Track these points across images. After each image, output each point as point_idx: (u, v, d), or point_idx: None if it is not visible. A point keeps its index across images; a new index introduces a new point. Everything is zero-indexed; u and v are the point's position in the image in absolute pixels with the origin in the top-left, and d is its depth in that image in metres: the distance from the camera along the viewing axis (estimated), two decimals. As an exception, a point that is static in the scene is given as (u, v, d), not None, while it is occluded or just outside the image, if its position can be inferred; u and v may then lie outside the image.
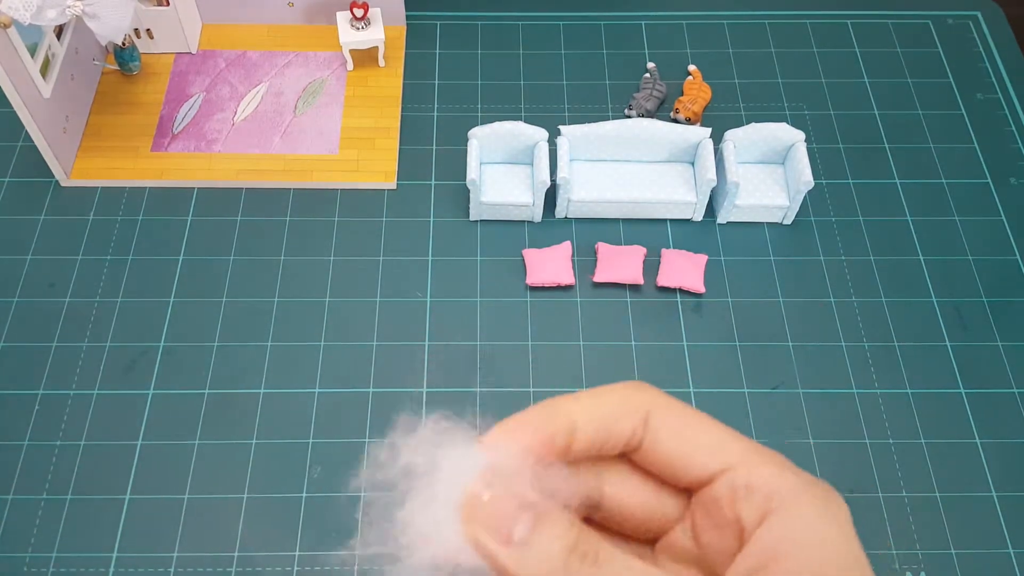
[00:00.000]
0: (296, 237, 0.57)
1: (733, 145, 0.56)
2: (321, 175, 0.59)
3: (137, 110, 0.62)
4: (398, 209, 0.58)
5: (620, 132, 0.56)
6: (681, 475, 0.30)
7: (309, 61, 0.65)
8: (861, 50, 0.67)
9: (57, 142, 0.57)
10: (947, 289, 0.55)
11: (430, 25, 0.68)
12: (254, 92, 0.63)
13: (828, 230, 0.58)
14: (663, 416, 0.29)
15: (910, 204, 0.59)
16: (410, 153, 0.61)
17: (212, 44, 0.65)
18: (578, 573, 0.26)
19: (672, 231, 0.58)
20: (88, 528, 0.46)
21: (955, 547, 0.46)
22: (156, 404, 0.50)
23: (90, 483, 0.48)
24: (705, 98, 0.63)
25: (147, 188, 0.59)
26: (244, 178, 0.59)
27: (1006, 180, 0.60)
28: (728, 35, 0.68)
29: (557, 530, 0.26)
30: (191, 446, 0.49)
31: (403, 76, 0.64)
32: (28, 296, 0.54)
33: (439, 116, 0.63)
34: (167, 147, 0.60)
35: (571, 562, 0.26)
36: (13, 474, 0.48)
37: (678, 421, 0.29)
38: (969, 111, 0.64)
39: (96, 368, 0.51)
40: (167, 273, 0.55)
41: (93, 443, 0.49)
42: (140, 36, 0.63)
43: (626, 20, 0.69)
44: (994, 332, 0.54)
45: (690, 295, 0.55)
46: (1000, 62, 0.66)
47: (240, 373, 0.51)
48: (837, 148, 0.62)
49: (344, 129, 0.61)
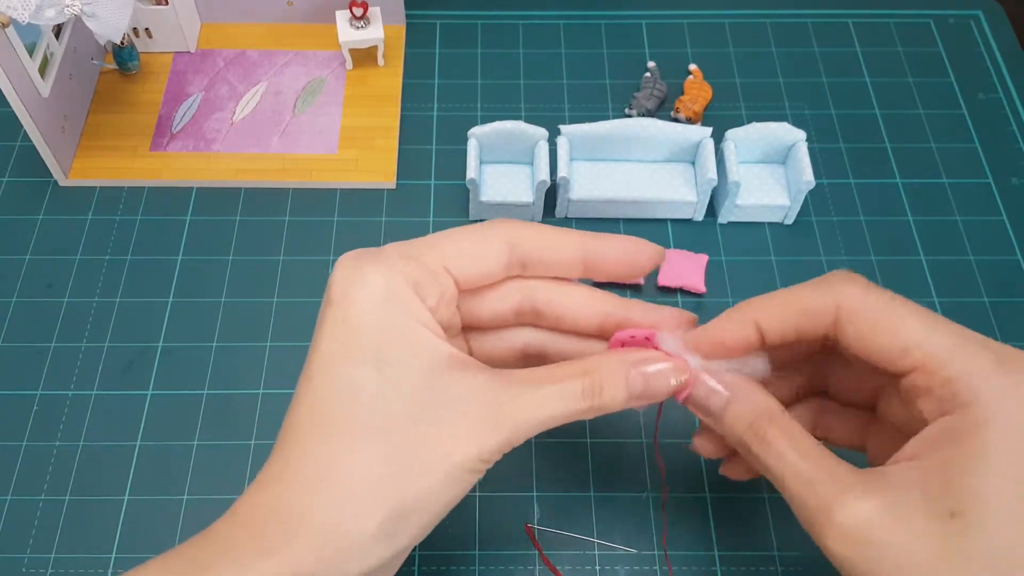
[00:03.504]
0: (295, 237, 0.57)
1: (734, 145, 0.56)
2: (320, 175, 0.59)
3: (136, 109, 0.62)
4: (398, 209, 0.58)
5: (620, 131, 0.56)
6: (882, 367, 0.33)
7: (308, 60, 0.65)
8: (862, 49, 0.67)
9: (55, 141, 0.56)
10: (948, 289, 0.55)
11: (430, 24, 0.68)
12: (253, 91, 0.63)
13: (829, 230, 0.58)
14: (858, 309, 0.34)
15: (911, 204, 0.59)
16: (410, 153, 0.61)
17: (211, 43, 0.65)
18: (749, 443, 0.33)
19: (673, 231, 0.57)
20: (87, 529, 0.46)
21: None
22: (155, 404, 0.50)
23: (89, 484, 0.48)
24: (706, 97, 0.63)
25: (146, 188, 0.59)
26: (243, 178, 0.59)
27: (1008, 180, 0.60)
28: (729, 34, 0.67)
29: (745, 407, 0.34)
30: (190, 447, 0.49)
31: (403, 75, 0.64)
32: (26, 296, 0.54)
33: (439, 116, 0.63)
34: (166, 147, 0.60)
35: (748, 432, 0.34)
36: (11, 475, 0.48)
37: (873, 313, 0.34)
38: (971, 111, 0.64)
39: (95, 368, 0.51)
40: (166, 273, 0.55)
41: (92, 444, 0.49)
42: (139, 35, 0.63)
43: (626, 19, 0.68)
44: (996, 332, 0.53)
45: (691, 295, 0.55)
46: (1002, 61, 0.66)
47: (239, 373, 0.51)
48: (838, 148, 0.62)
49: (343, 128, 0.61)
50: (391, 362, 0.31)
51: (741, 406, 0.34)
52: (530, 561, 0.45)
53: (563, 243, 0.36)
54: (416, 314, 0.32)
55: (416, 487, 0.30)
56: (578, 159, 0.58)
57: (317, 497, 0.30)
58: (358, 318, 0.32)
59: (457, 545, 0.46)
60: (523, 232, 0.36)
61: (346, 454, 0.30)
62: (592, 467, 0.48)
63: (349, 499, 0.30)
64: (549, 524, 0.46)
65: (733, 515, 0.47)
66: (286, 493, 0.30)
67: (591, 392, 0.33)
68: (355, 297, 0.32)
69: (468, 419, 0.31)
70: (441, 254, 0.34)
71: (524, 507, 0.47)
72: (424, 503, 0.30)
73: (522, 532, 0.46)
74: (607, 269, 0.37)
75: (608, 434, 0.49)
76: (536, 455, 0.49)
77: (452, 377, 0.32)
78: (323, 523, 0.29)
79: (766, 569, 0.45)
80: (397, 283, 0.32)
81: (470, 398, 0.31)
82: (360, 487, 0.30)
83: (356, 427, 0.30)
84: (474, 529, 0.46)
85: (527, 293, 0.37)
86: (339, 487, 0.30)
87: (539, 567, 0.45)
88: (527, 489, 0.48)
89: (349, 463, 0.30)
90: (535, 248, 0.36)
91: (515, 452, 0.38)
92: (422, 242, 0.35)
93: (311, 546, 0.29)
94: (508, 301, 0.37)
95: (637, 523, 0.47)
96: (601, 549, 0.46)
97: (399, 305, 0.32)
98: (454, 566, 0.45)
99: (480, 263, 0.35)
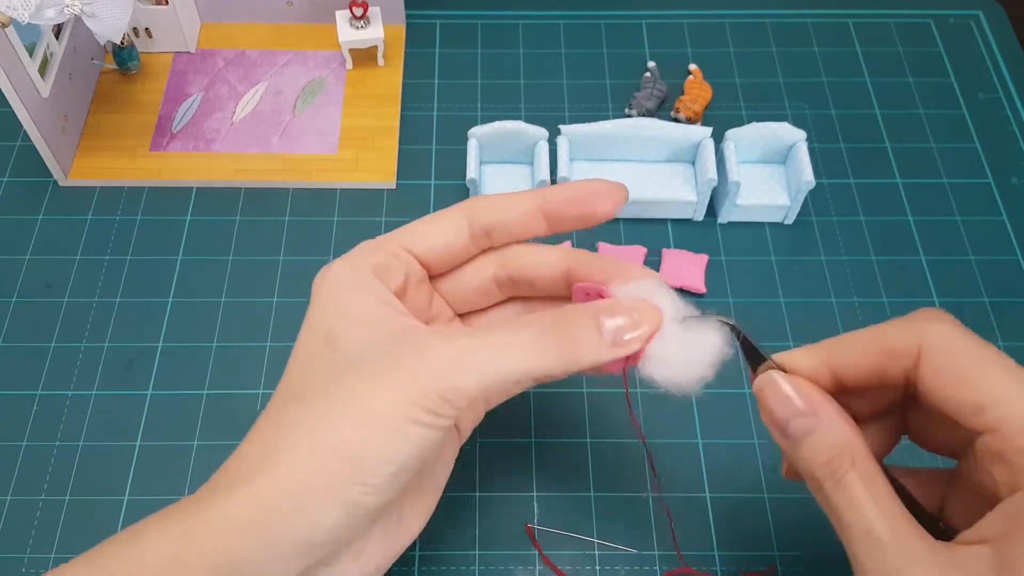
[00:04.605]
0: (295, 237, 0.57)
1: (734, 145, 0.56)
2: (320, 174, 0.59)
3: (136, 109, 0.61)
4: (398, 208, 0.58)
5: (620, 131, 0.56)
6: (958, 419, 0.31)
7: (308, 60, 0.65)
8: (862, 49, 0.67)
9: (55, 141, 0.56)
10: (949, 289, 0.55)
11: (430, 24, 0.68)
12: (253, 91, 0.63)
13: (829, 230, 0.58)
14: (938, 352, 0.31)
15: (911, 204, 0.59)
16: (409, 153, 0.61)
17: (211, 43, 0.65)
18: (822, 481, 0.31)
19: (673, 231, 0.57)
20: (87, 529, 0.46)
21: (957, 548, 0.46)
22: (154, 405, 0.50)
23: (89, 484, 0.47)
24: (706, 97, 0.63)
25: (146, 188, 0.59)
26: (243, 178, 0.59)
27: (1008, 180, 0.60)
28: (729, 34, 0.67)
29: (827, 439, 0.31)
30: (190, 447, 0.49)
31: (403, 75, 0.64)
32: (26, 296, 0.54)
33: (439, 116, 0.63)
34: (166, 146, 0.60)
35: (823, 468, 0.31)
36: (11, 475, 0.48)
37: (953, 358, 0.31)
38: (971, 111, 0.63)
39: (94, 368, 0.51)
40: (166, 273, 0.55)
41: (91, 444, 0.49)
42: (139, 35, 0.63)
43: (626, 19, 0.68)
44: (996, 332, 0.53)
45: (691, 295, 0.55)
46: (1002, 61, 0.66)
47: (239, 373, 0.51)
48: (838, 148, 0.62)
49: (343, 128, 0.61)
50: (340, 335, 0.34)
51: (824, 438, 0.31)
52: (530, 561, 0.45)
53: (518, 199, 0.38)
54: (376, 293, 0.35)
55: (355, 437, 0.31)
56: (578, 159, 0.58)
57: (261, 456, 0.32)
58: (321, 305, 0.35)
59: (457, 545, 0.46)
60: (479, 201, 0.38)
61: (302, 415, 0.32)
62: (592, 467, 0.48)
63: (287, 452, 0.31)
64: (549, 524, 0.46)
65: (733, 515, 0.47)
66: (241, 455, 0.33)
67: (555, 334, 0.32)
68: (321, 287, 0.36)
69: (408, 371, 0.32)
70: (401, 238, 0.37)
71: (524, 507, 0.47)
72: (359, 453, 0.31)
73: (522, 532, 0.46)
74: (566, 213, 0.38)
75: (608, 434, 0.49)
76: (536, 455, 0.49)
77: (405, 339, 0.33)
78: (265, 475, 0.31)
79: (766, 569, 0.45)
80: (358, 269, 0.35)
81: (412, 351, 0.32)
82: (308, 442, 0.32)
83: (308, 392, 0.33)
84: (474, 529, 0.46)
85: (500, 261, 0.39)
86: (280, 444, 0.32)
87: (539, 567, 0.45)
88: (527, 489, 0.48)
89: (300, 421, 0.32)
90: (491, 211, 0.38)
91: (515, 452, 0.38)
92: (387, 234, 0.38)
93: (254, 495, 0.31)
94: (485, 273, 0.39)
95: (637, 523, 0.47)
96: (601, 549, 0.46)
97: (359, 288, 0.35)
98: (454, 566, 0.45)
99: (440, 237, 0.37)
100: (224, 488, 0.32)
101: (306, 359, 0.35)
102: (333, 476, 0.31)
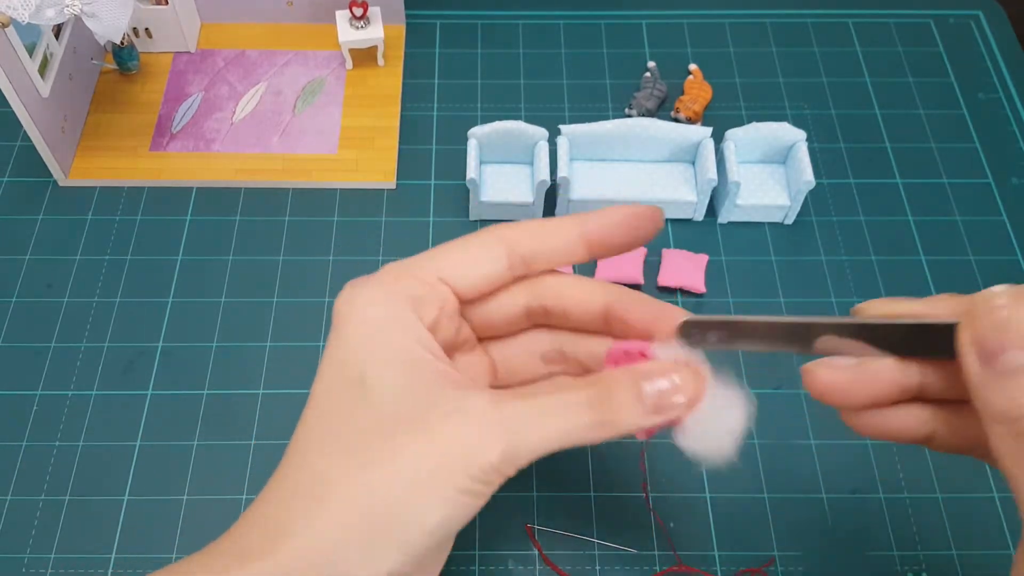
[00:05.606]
0: (295, 237, 0.57)
1: (734, 145, 0.56)
2: (320, 175, 0.59)
3: (136, 109, 0.61)
4: (398, 209, 0.58)
5: (620, 131, 0.56)
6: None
7: (308, 60, 0.65)
8: (862, 49, 0.67)
9: (55, 141, 0.56)
10: (949, 289, 0.55)
11: (430, 24, 0.68)
12: (253, 91, 0.63)
13: (829, 230, 0.58)
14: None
15: (911, 204, 0.59)
16: (410, 153, 0.61)
17: (211, 43, 0.65)
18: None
19: (673, 231, 0.57)
20: (86, 529, 0.46)
21: (956, 548, 0.46)
22: (154, 405, 0.50)
23: (88, 484, 0.47)
24: (706, 97, 0.63)
25: (146, 188, 0.59)
26: (243, 178, 0.59)
27: (1008, 180, 0.60)
28: (729, 34, 0.67)
29: None
30: (190, 447, 0.49)
31: (403, 75, 0.64)
32: (26, 296, 0.54)
33: (439, 116, 0.63)
34: (166, 146, 0.60)
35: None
36: (11, 475, 0.48)
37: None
38: (971, 111, 0.64)
39: (94, 368, 0.51)
40: (165, 273, 0.55)
41: (91, 444, 0.49)
42: (139, 35, 0.63)
43: (626, 19, 0.68)
44: (996, 332, 0.53)
45: (691, 295, 0.55)
46: (1002, 61, 0.66)
47: (239, 373, 0.51)
48: (838, 148, 0.62)
49: (343, 128, 0.61)
50: (375, 382, 0.31)
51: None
52: (530, 561, 0.45)
53: (555, 227, 0.36)
54: (414, 333, 0.32)
55: (401, 502, 0.29)
56: (578, 159, 0.58)
57: (293, 512, 0.30)
58: (347, 337, 0.32)
59: (457, 545, 0.46)
60: (517, 228, 0.35)
61: (340, 474, 0.30)
62: (592, 467, 0.48)
63: (323, 512, 0.30)
64: (549, 524, 0.46)
65: (733, 515, 0.47)
66: (269, 506, 0.31)
67: (598, 402, 0.31)
68: (348, 316, 0.32)
69: (456, 435, 0.30)
70: (435, 266, 0.34)
71: (524, 507, 0.47)
72: (402, 518, 0.30)
73: (522, 532, 0.46)
74: (615, 240, 0.35)
75: (608, 434, 0.49)
76: (536, 455, 0.49)
77: (443, 395, 0.31)
78: (301, 535, 0.30)
79: (766, 569, 0.45)
80: (394, 301, 0.33)
81: (458, 414, 0.30)
82: (335, 501, 0.30)
83: (342, 444, 0.31)
84: (474, 529, 0.46)
85: (534, 291, 0.37)
86: (315, 501, 0.30)
87: (539, 567, 0.45)
88: (527, 489, 0.48)
89: (325, 478, 0.30)
90: (531, 239, 0.35)
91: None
92: (417, 258, 0.35)
93: (289, 556, 0.29)
94: (517, 302, 0.37)
95: (637, 523, 0.47)
96: (601, 549, 0.46)
97: (395, 327, 0.32)
98: (454, 566, 0.45)
99: (479, 268, 0.35)
100: (256, 552, 0.30)
101: (334, 402, 0.32)
102: (374, 540, 0.29)
